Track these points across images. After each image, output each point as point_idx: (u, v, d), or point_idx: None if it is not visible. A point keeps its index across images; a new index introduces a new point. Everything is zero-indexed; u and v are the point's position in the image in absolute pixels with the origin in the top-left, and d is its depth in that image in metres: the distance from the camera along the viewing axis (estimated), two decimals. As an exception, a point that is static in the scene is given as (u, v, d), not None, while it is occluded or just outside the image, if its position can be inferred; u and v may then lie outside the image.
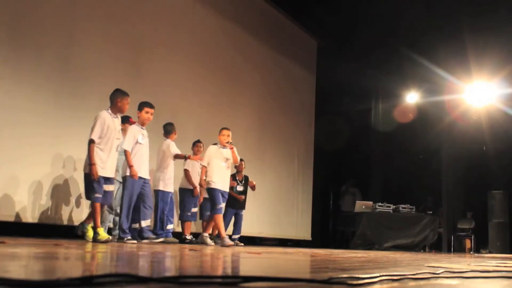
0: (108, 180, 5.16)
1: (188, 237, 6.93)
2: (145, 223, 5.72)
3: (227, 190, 6.55)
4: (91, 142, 5.05)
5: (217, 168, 6.41)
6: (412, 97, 12.19)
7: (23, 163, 5.56)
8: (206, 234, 6.46)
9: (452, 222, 11.69)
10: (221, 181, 6.42)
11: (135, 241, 5.50)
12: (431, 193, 12.26)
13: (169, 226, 6.42)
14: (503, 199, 10.79)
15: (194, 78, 8.14)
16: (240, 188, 7.81)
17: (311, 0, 10.42)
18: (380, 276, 1.59)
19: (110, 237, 5.12)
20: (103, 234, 4.97)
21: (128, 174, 5.49)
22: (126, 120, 6.09)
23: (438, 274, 1.96)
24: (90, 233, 5.21)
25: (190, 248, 4.54)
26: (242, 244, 7.33)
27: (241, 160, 7.76)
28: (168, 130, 6.47)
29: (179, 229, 7.15)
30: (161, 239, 5.97)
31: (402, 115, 12.23)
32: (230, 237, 7.92)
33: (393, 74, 11.49)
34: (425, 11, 9.81)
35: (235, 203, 7.66)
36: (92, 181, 5.02)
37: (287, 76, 10.78)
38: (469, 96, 11.06)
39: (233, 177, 7.71)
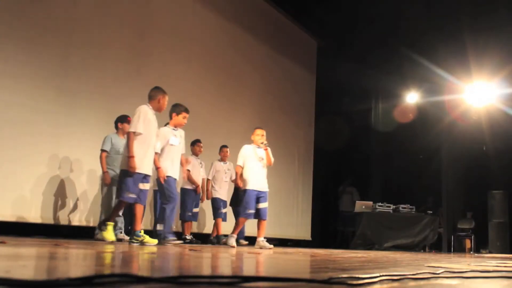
0: (144, 178, 5.00)
1: (188, 237, 6.92)
2: (160, 226, 5.63)
3: (263, 189, 6.36)
4: (131, 133, 4.87)
5: (252, 168, 6.26)
6: (412, 97, 12.19)
7: (23, 162, 5.57)
8: (261, 238, 6.24)
9: (452, 222, 11.69)
10: (257, 182, 6.25)
11: (181, 241, 5.37)
12: (431, 193, 12.26)
13: None
14: (503, 199, 10.79)
15: (194, 78, 8.14)
16: None
17: (311, 0, 10.42)
18: (380, 276, 1.59)
19: (115, 239, 4.99)
20: (110, 233, 4.86)
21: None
22: (124, 120, 6.08)
23: (438, 274, 1.96)
24: (148, 238, 4.97)
25: (190, 248, 4.54)
26: (247, 242, 7.32)
27: None
28: None
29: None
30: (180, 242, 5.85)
31: (402, 115, 12.24)
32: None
33: (393, 74, 11.49)
34: (425, 11, 9.81)
35: None
36: (127, 178, 4.82)
37: (287, 76, 10.78)
38: (469, 96, 11.06)
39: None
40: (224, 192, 7.49)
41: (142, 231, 5.03)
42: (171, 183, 5.44)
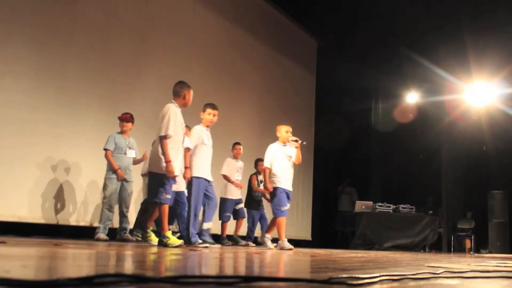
0: (174, 181, 4.87)
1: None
2: (207, 225, 5.55)
3: (290, 189, 6.19)
4: (164, 137, 4.63)
5: (280, 167, 6.09)
6: (412, 97, 12.19)
7: (24, 162, 5.57)
8: (268, 236, 6.12)
9: (452, 222, 11.69)
10: (285, 181, 6.09)
11: (207, 244, 5.23)
12: (431, 193, 12.25)
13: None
14: (503, 199, 10.79)
15: (194, 78, 8.10)
16: (262, 188, 7.69)
17: (311, 0, 10.42)
18: (380, 276, 1.59)
19: (183, 242, 4.81)
20: (174, 238, 4.69)
21: (195, 175, 5.20)
22: (127, 119, 6.01)
23: (438, 274, 1.96)
24: (153, 237, 4.89)
25: (190, 248, 4.54)
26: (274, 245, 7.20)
27: (260, 160, 7.59)
28: None
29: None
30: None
31: (402, 115, 12.23)
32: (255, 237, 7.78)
33: (393, 74, 11.49)
34: (425, 11, 9.81)
35: (259, 205, 7.70)
36: (163, 181, 4.69)
37: (287, 76, 10.78)
38: (469, 96, 11.06)
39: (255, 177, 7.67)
40: (236, 191, 7.40)
41: (170, 232, 4.91)
42: (200, 184, 5.33)
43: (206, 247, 5.08)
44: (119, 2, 6.99)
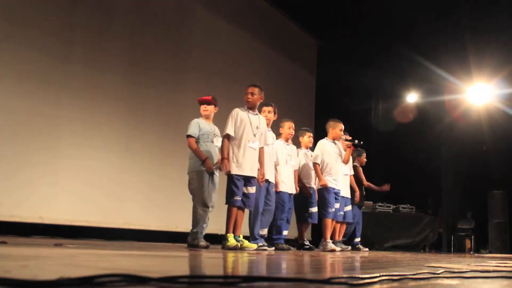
0: (248, 182, 4.90)
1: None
2: (262, 231, 5.49)
3: (341, 189, 6.13)
4: (224, 137, 4.98)
5: (329, 165, 5.99)
6: (412, 97, 12.19)
7: (24, 162, 5.56)
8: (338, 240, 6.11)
9: (452, 222, 11.69)
10: (334, 180, 6.01)
11: (272, 248, 5.25)
12: (431, 193, 12.25)
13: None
14: (503, 199, 10.79)
15: (194, 79, 8.13)
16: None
17: (311, 0, 10.41)
18: (380, 276, 1.59)
19: (239, 244, 4.78)
20: (232, 240, 4.74)
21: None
22: (207, 102, 5.32)
23: (438, 274, 1.96)
24: (246, 243, 4.90)
25: (190, 249, 4.55)
26: (367, 249, 6.99)
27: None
28: None
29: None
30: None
31: (402, 115, 12.23)
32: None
33: (393, 74, 11.49)
34: (426, 11, 9.81)
35: None
36: (231, 183, 4.82)
37: (287, 76, 10.77)
38: (469, 96, 11.06)
39: None
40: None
41: (241, 236, 4.96)
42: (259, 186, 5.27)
43: (265, 249, 5.06)
44: (120, 2, 6.98)
